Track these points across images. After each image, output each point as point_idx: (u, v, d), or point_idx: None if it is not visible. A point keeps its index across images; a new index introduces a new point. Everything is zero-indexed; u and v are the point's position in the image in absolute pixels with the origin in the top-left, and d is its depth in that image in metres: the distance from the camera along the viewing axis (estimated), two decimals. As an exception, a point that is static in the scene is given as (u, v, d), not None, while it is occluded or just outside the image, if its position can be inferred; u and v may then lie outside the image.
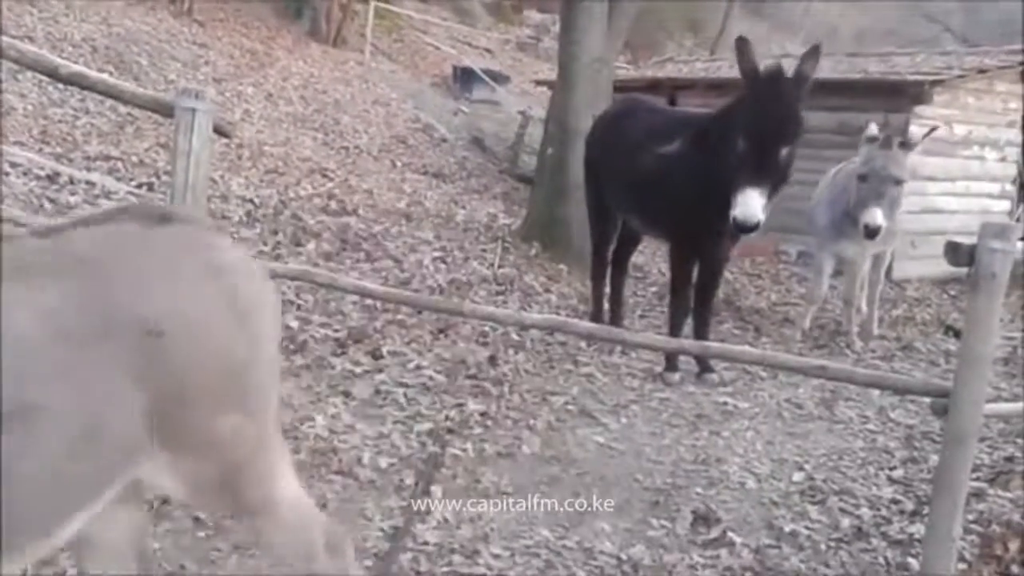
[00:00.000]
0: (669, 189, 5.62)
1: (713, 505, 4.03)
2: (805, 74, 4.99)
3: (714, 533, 3.80)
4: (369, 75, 17.98)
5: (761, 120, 4.84)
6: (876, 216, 6.09)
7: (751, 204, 4.75)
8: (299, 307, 6.02)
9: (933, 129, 6.37)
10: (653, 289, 8.36)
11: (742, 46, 5.07)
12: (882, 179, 6.17)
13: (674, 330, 5.90)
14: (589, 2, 8.32)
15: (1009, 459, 4.75)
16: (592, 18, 8.35)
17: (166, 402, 1.80)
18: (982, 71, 10.44)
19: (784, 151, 4.87)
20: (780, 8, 34.95)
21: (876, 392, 5.67)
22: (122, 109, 10.00)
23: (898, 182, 6.22)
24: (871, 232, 6.14)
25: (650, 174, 5.77)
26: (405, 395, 5.00)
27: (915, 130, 6.33)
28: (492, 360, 5.68)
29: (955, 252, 2.97)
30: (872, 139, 6.33)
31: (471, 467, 4.26)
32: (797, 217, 7.74)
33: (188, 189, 3.46)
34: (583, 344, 6.21)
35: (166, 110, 3.55)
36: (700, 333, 5.96)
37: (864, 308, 7.47)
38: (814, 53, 5.16)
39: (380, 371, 5.29)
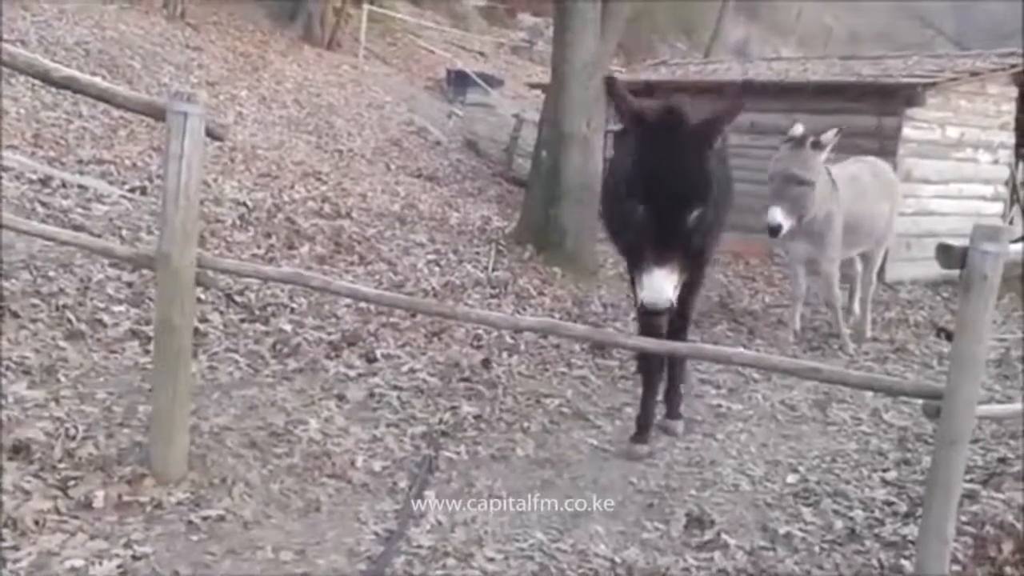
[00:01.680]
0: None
1: (707, 507, 4.03)
2: (717, 121, 3.79)
3: (708, 535, 3.80)
4: (363, 78, 17.97)
5: (654, 182, 3.67)
6: (774, 215, 6.11)
7: (657, 287, 3.61)
8: (292, 310, 6.01)
9: (840, 130, 6.34)
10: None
11: (611, 86, 4.04)
12: (784, 179, 6.18)
13: (644, 399, 4.87)
14: (582, 5, 8.32)
15: (1002, 460, 4.75)
16: (585, 21, 8.36)
17: None
18: (975, 74, 10.48)
19: (692, 216, 3.69)
20: (774, 11, 35.02)
21: (869, 394, 5.69)
22: (115, 113, 9.97)
23: (801, 182, 6.17)
24: (772, 231, 6.17)
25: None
26: (399, 398, 4.99)
27: (827, 135, 6.25)
28: (486, 363, 5.68)
29: (947, 254, 2.98)
30: (789, 139, 6.33)
31: (465, 470, 4.26)
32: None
33: (180, 193, 3.45)
34: (577, 347, 6.21)
35: (158, 114, 3.54)
36: (672, 382, 5.03)
37: (856, 310, 7.49)
38: (736, 102, 4.02)
39: (374, 374, 5.29)
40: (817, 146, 6.21)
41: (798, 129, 6.37)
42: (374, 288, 6.34)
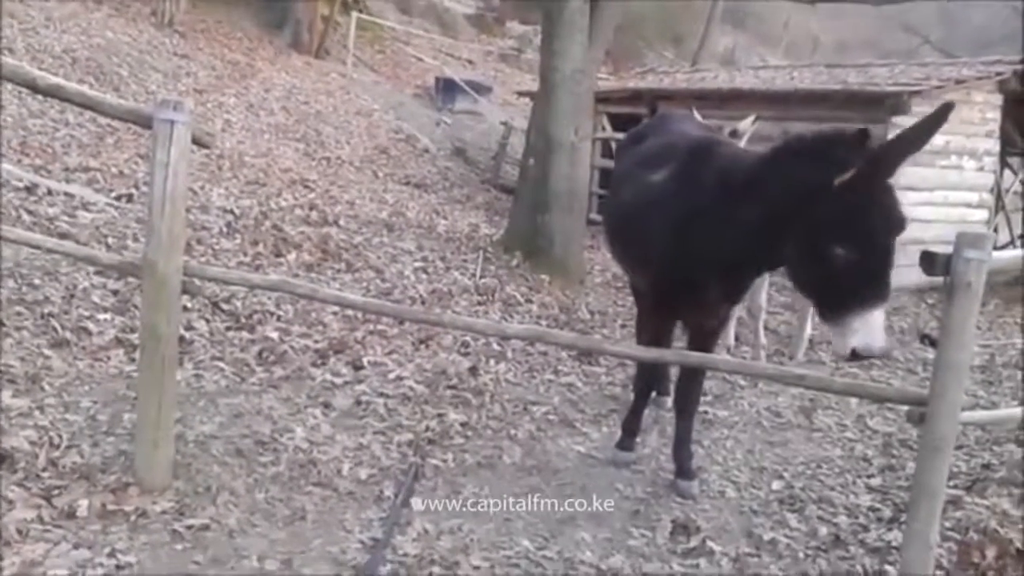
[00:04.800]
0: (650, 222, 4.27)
1: (693, 514, 4.05)
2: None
3: (694, 542, 3.81)
4: (351, 86, 17.98)
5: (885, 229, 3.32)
6: None
7: (874, 330, 3.24)
8: (279, 318, 6.00)
9: (758, 117, 6.35)
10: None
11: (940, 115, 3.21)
12: None
13: (635, 408, 4.82)
14: (570, 14, 8.35)
15: (986, 466, 4.78)
16: (573, 30, 8.38)
17: None
18: (960, 82, 10.55)
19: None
20: (761, 19, 35.22)
21: (854, 400, 5.71)
22: (102, 120, 9.96)
23: None
24: None
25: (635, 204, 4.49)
26: (386, 406, 4.99)
27: (744, 123, 6.25)
28: (473, 370, 5.68)
29: (930, 262, 3.00)
30: (732, 132, 6.32)
31: (452, 477, 4.26)
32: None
33: (167, 200, 3.45)
34: (564, 354, 6.21)
35: (145, 122, 3.53)
36: (681, 432, 4.53)
37: (794, 322, 7.41)
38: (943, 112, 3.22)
39: (360, 382, 5.28)
40: (734, 135, 6.21)
41: (746, 123, 6.36)
42: (361, 295, 6.34)
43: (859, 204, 3.23)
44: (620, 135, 8.96)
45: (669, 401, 5.26)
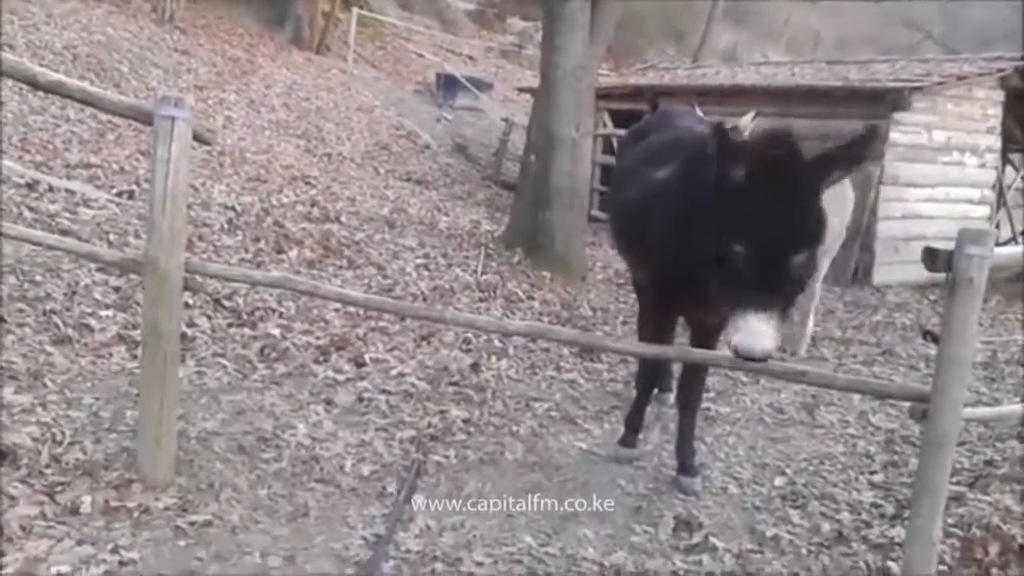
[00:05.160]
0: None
1: (695, 510, 4.05)
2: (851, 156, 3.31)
3: (696, 538, 3.81)
4: (352, 82, 17.97)
5: (768, 222, 3.21)
6: None
7: (755, 331, 3.18)
8: (281, 315, 6.00)
9: (758, 114, 6.30)
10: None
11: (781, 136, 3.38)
12: None
13: (637, 405, 4.82)
14: (571, 10, 8.34)
15: (989, 463, 4.78)
16: (574, 26, 8.37)
17: None
18: (961, 78, 10.55)
19: (799, 258, 3.26)
20: (762, 16, 35.15)
21: (857, 397, 5.72)
22: (103, 117, 9.95)
23: None
24: None
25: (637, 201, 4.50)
26: (387, 402, 4.98)
27: (744, 119, 6.17)
28: (475, 367, 5.68)
29: (933, 258, 2.99)
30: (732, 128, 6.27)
31: (454, 474, 4.26)
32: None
33: (168, 197, 3.44)
34: (566, 351, 6.21)
35: (146, 118, 3.53)
36: (684, 429, 4.50)
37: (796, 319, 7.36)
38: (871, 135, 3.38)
39: (362, 378, 5.28)
40: (734, 131, 6.14)
41: (746, 119, 6.33)
42: (363, 292, 6.34)
43: (748, 206, 3.20)
44: (621, 131, 8.97)
45: (671, 397, 5.29)
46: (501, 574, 3.41)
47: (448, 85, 19.57)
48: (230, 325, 5.71)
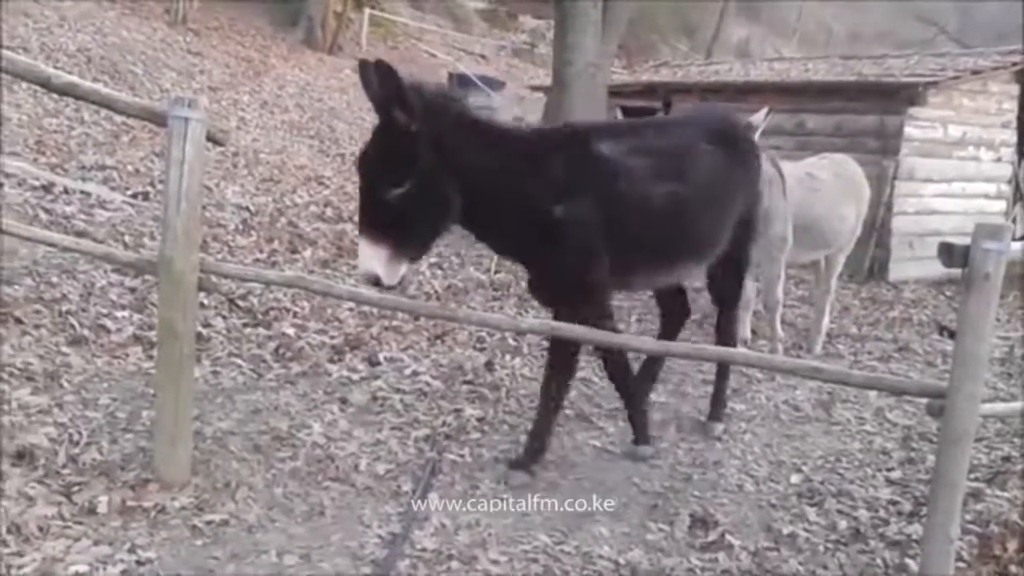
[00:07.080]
0: None
1: (711, 508, 4.03)
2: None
3: (712, 536, 3.79)
4: (364, 82, 17.97)
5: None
6: None
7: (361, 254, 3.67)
8: (295, 314, 6.01)
9: (771, 110, 6.19)
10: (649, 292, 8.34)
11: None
12: None
13: (637, 389, 4.82)
14: (583, 8, 8.33)
15: (1006, 459, 4.75)
16: (586, 23, 8.37)
17: None
18: (976, 72, 10.48)
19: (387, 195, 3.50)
20: (774, 11, 35.05)
21: (873, 393, 5.68)
22: (117, 118, 10.00)
23: None
24: None
25: None
26: (402, 401, 4.99)
27: (757, 116, 6.07)
28: (489, 365, 5.68)
29: (949, 253, 2.96)
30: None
31: (469, 472, 4.25)
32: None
33: (182, 197, 3.46)
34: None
35: (160, 119, 3.54)
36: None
37: (811, 315, 7.32)
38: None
39: (377, 377, 5.29)
40: (748, 128, 6.10)
41: (759, 116, 6.27)
42: (377, 292, 6.34)
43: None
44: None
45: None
46: (516, 572, 3.41)
47: (460, 84, 19.57)
48: (245, 325, 5.73)
